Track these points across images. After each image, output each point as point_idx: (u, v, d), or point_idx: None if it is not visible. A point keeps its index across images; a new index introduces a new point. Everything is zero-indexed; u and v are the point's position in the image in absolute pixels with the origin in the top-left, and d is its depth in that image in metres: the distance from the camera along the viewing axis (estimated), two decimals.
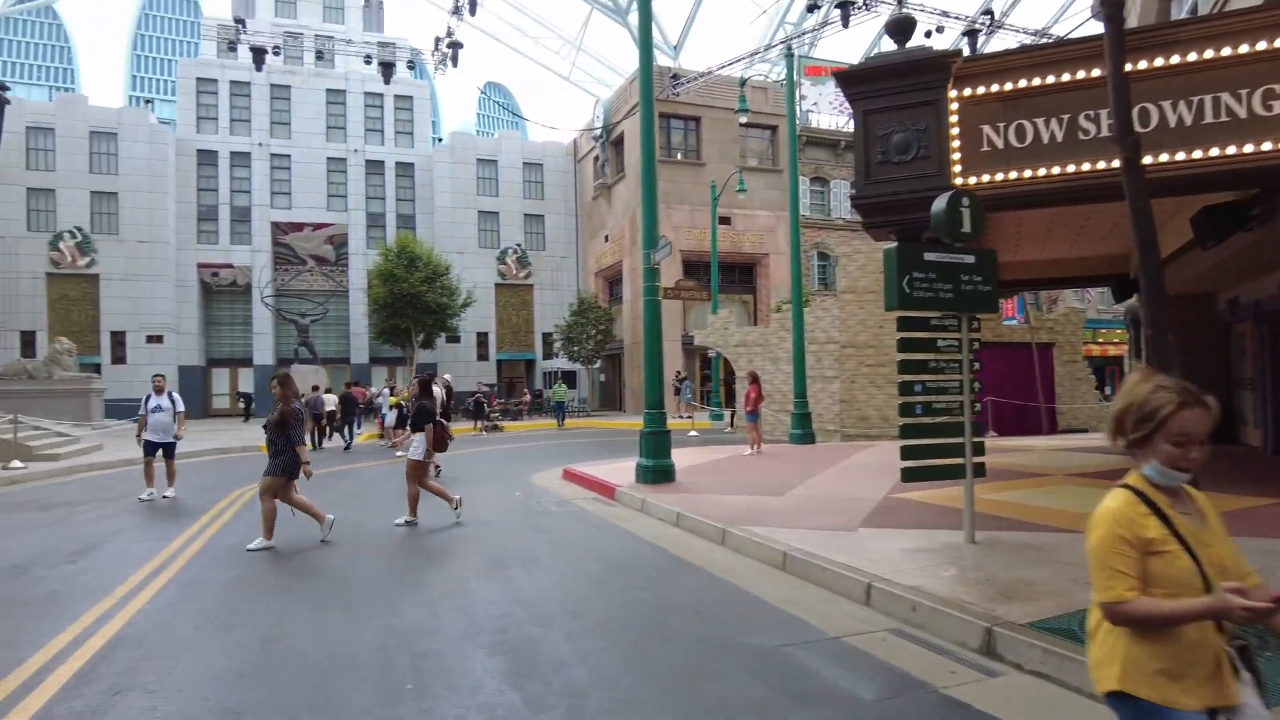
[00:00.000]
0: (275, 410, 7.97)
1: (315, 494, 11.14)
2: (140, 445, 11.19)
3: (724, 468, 12.76)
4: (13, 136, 32.98)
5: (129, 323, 34.41)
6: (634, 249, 33.16)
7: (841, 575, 5.76)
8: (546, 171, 40.73)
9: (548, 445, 20.31)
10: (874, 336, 20.36)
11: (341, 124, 38.93)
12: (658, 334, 10.96)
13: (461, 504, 9.08)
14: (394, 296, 31.53)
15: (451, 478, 13.40)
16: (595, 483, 11.36)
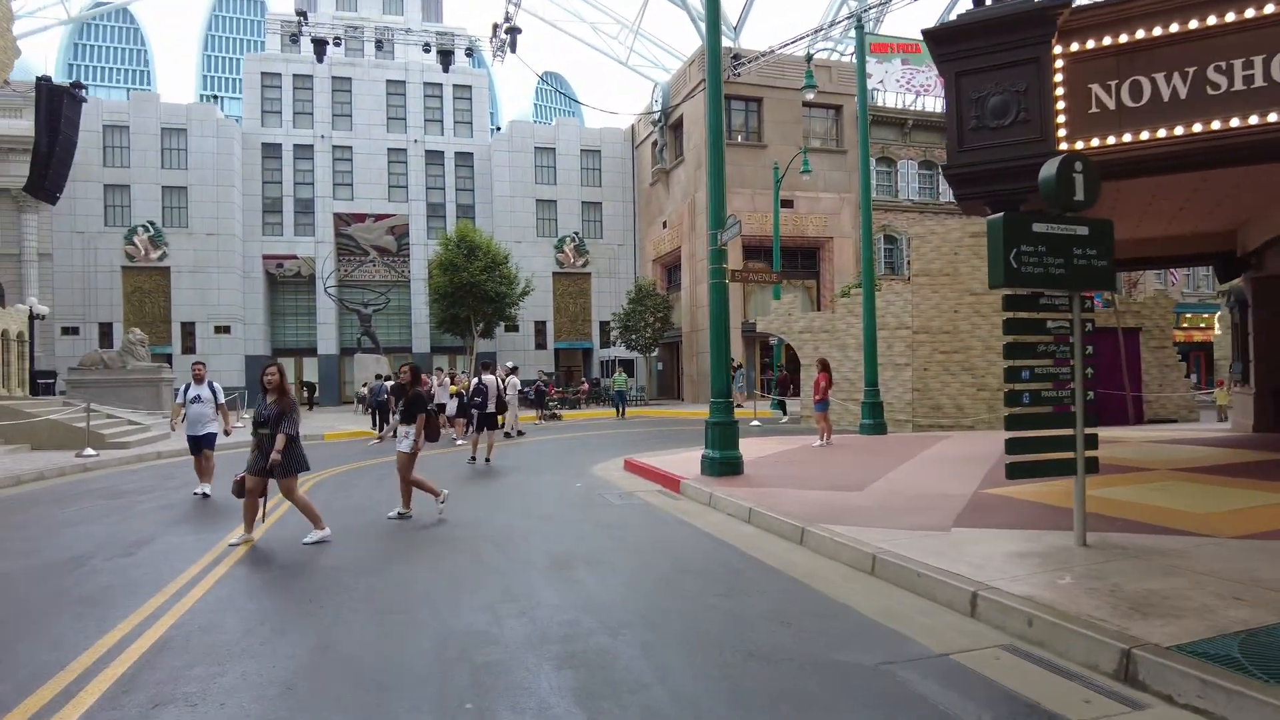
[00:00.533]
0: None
1: (375, 487, 10.99)
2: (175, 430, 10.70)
3: (793, 460, 12.17)
4: (91, 135, 34.03)
5: (198, 314, 35.27)
6: (693, 235, 32.60)
7: (942, 582, 5.17)
8: (604, 158, 40.34)
9: (607, 435, 19.94)
10: (948, 322, 19.44)
11: (401, 115, 39.16)
12: (725, 320, 10.41)
13: (446, 499, 8.58)
14: (454, 286, 31.58)
15: (511, 467, 13.16)
16: (659, 474, 10.90)
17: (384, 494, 10.23)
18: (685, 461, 12.01)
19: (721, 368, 10.39)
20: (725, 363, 10.43)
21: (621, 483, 11.08)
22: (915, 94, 36.14)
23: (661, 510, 8.82)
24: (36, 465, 13.86)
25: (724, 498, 8.63)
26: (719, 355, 10.38)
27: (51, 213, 34.27)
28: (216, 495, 10.09)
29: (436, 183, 39.45)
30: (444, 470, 12.92)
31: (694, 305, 33.05)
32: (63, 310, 34.07)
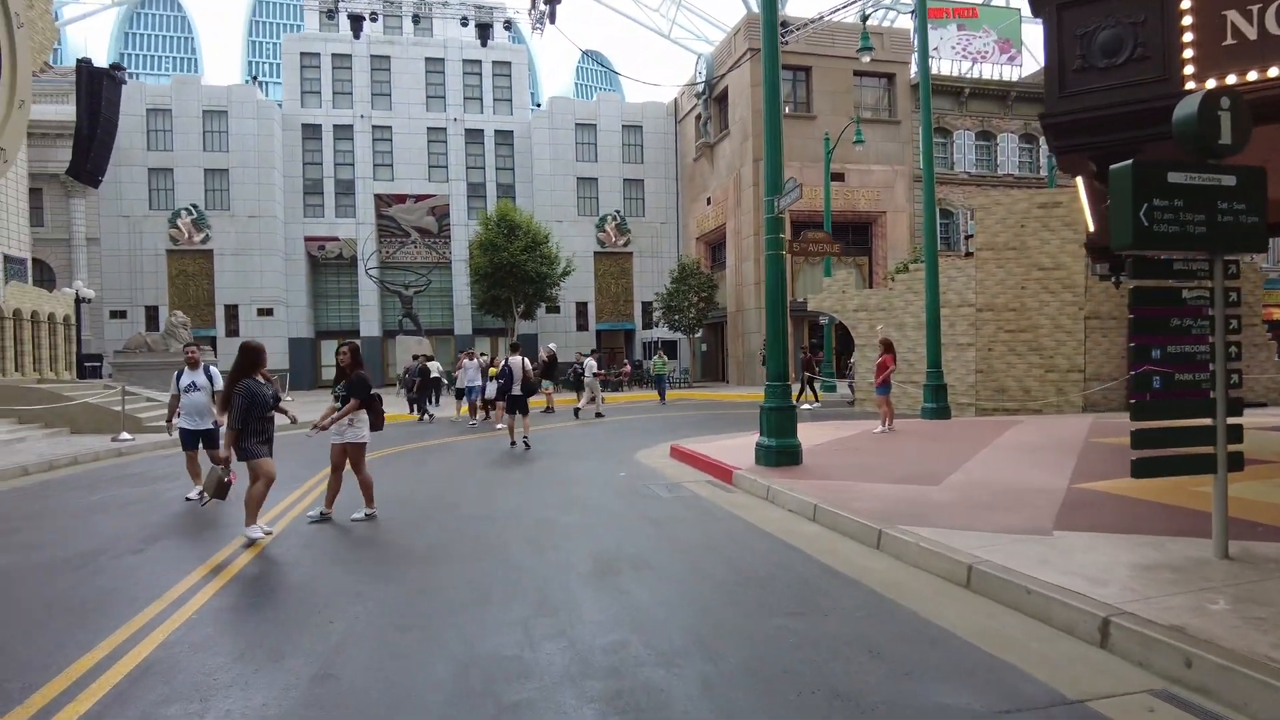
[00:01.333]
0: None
1: (408, 472, 10.39)
2: (171, 433, 9.15)
3: (855, 448, 11.27)
4: (134, 119, 34.15)
5: (241, 296, 35.32)
6: (738, 211, 31.57)
7: (1058, 601, 4.31)
8: (646, 134, 39.37)
9: (650, 419, 19.20)
10: (1014, 299, 18.25)
11: (441, 93, 38.61)
12: (781, 295, 9.54)
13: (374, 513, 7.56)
14: (494, 266, 31.05)
15: (551, 452, 12.47)
16: (708, 463, 10.11)
17: (419, 483, 9.63)
18: (735, 449, 11.20)
19: (779, 349, 9.54)
20: (783, 343, 9.58)
21: (668, 471, 10.33)
22: (972, 61, 34.47)
23: (713, 504, 8.03)
24: (72, 449, 13.60)
25: (784, 491, 7.81)
26: (776, 334, 9.53)
27: (98, 197, 34.55)
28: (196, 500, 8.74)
29: (476, 162, 38.89)
30: (481, 455, 12.30)
31: (739, 284, 32.07)
32: (110, 294, 34.38)
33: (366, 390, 7.44)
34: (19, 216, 26.31)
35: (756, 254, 30.39)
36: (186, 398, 8.85)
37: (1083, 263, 17.97)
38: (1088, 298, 17.96)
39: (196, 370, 8.99)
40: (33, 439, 15.01)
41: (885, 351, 12.86)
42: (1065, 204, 17.94)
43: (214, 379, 9.04)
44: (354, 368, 7.49)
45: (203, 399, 8.86)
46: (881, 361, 12.83)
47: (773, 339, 9.52)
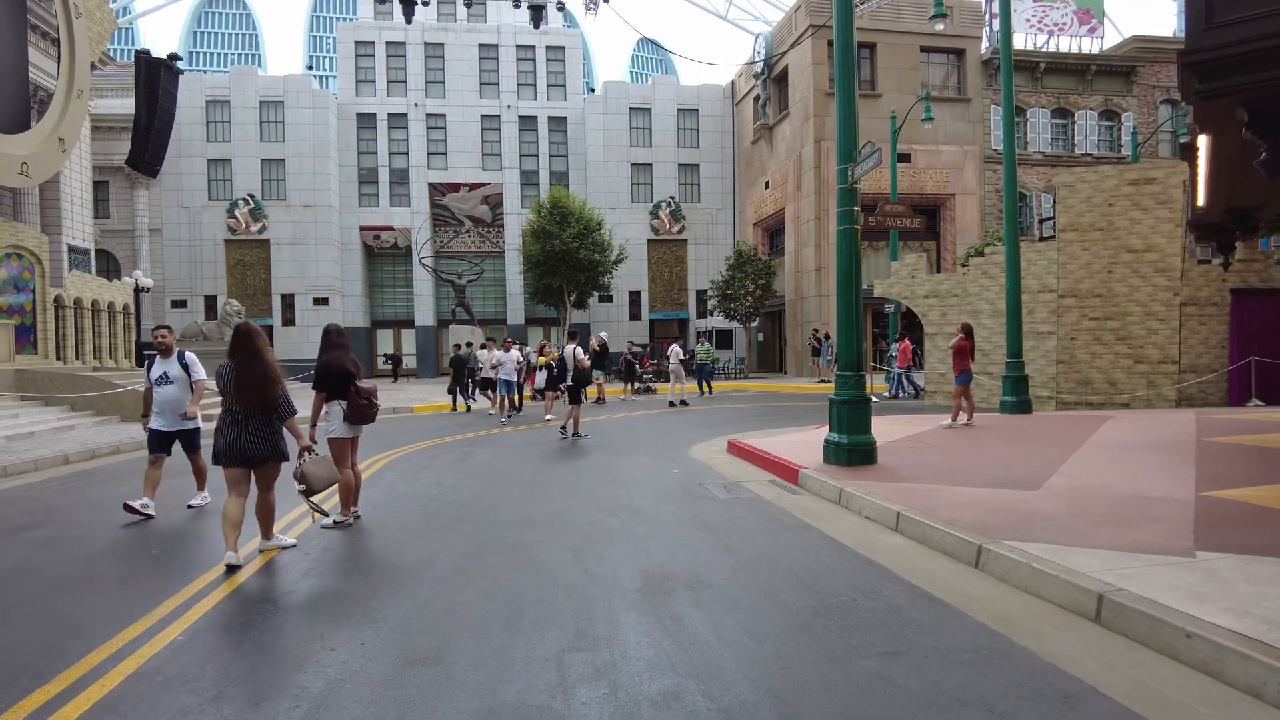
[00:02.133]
0: None
1: (448, 467, 9.74)
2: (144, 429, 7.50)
3: (933, 444, 10.26)
4: (194, 110, 34.54)
5: (297, 285, 35.50)
6: (798, 194, 30.41)
7: (1237, 653, 3.37)
8: (702, 117, 38.34)
9: (704, 411, 18.35)
10: (1100, 283, 16.87)
11: (494, 80, 38.17)
12: (855, 275, 8.59)
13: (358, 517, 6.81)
14: (546, 254, 30.49)
15: (600, 445, 11.74)
16: (771, 461, 9.24)
17: (459, 480, 8.99)
18: (798, 445, 10.32)
19: (851, 334, 8.60)
20: (857, 329, 8.64)
21: (725, 469, 9.49)
22: (1048, 34, 32.52)
23: (779, 508, 7.18)
24: (116, 438, 13.40)
25: (859, 495, 6.92)
26: (848, 319, 8.59)
27: (160, 188, 35.08)
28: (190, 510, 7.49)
29: (530, 149, 38.39)
30: (527, 449, 11.63)
31: (799, 271, 30.91)
32: (172, 284, 34.90)
33: (325, 380, 6.64)
34: (83, 208, 26.68)
35: (818, 239, 29.23)
36: (158, 391, 7.37)
37: (1179, 244, 16.49)
38: (1184, 282, 16.49)
39: (170, 359, 7.43)
40: (82, 427, 14.91)
41: (964, 338, 11.73)
42: (1159, 180, 16.48)
43: (191, 368, 7.49)
44: (327, 352, 6.70)
45: (176, 393, 7.39)
46: (958, 345, 11.70)
47: (844, 324, 8.59)
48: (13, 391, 15.95)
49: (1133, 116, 32.20)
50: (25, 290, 19.80)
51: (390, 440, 13.16)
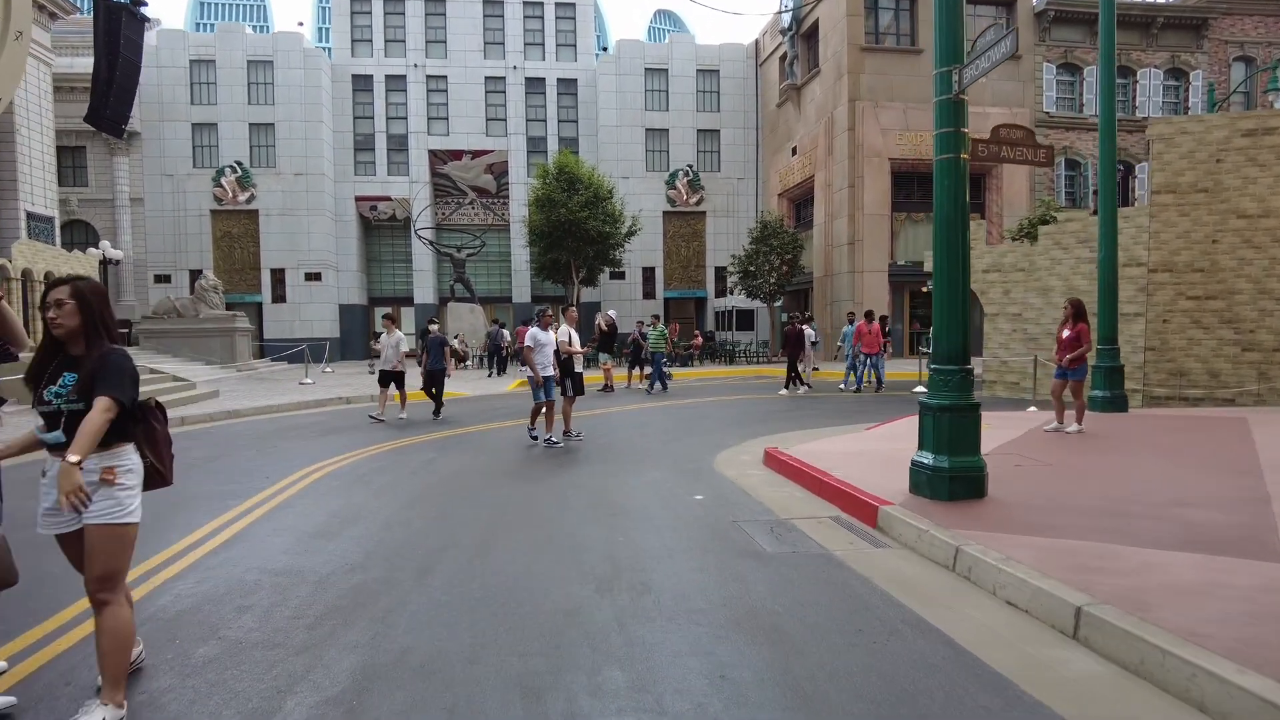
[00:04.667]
0: None
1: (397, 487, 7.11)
2: None
3: (1045, 460, 7.68)
4: (178, 71, 32.14)
5: (288, 259, 33.16)
6: (829, 160, 27.65)
7: None
8: (723, 79, 35.48)
9: (728, 403, 15.81)
10: (1202, 255, 14.14)
11: (500, 39, 35.48)
12: (962, 230, 6.05)
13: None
14: (552, 225, 27.92)
15: (599, 451, 9.13)
16: (830, 485, 6.70)
17: (397, 513, 6.51)
18: (857, 460, 7.81)
19: (956, 313, 6.08)
20: (962, 305, 6.11)
21: (765, 493, 6.98)
22: None
23: (860, 577, 4.65)
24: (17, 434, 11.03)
25: (992, 564, 4.37)
26: (950, 287, 6.05)
27: (142, 155, 32.75)
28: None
29: (537, 114, 35.72)
30: (507, 455, 9.09)
31: (829, 244, 28.17)
32: (155, 257, 32.64)
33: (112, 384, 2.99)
34: (44, 171, 24.35)
35: (851, 209, 26.49)
36: None
37: None
38: None
39: None
40: (9, 420, 12.58)
41: (1077, 319, 9.05)
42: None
43: None
44: (83, 323, 3.06)
45: None
46: (1078, 331, 9.00)
47: (946, 296, 6.06)
48: None
49: (1202, 75, 29.09)
50: None
51: (356, 437, 10.75)
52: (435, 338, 14.01)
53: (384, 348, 13.33)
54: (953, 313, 6.04)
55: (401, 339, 13.22)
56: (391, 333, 13.31)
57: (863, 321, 17.60)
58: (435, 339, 14.00)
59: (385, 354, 13.24)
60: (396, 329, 13.52)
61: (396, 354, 13.09)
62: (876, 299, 25.82)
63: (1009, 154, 6.25)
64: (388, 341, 13.28)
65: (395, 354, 13.10)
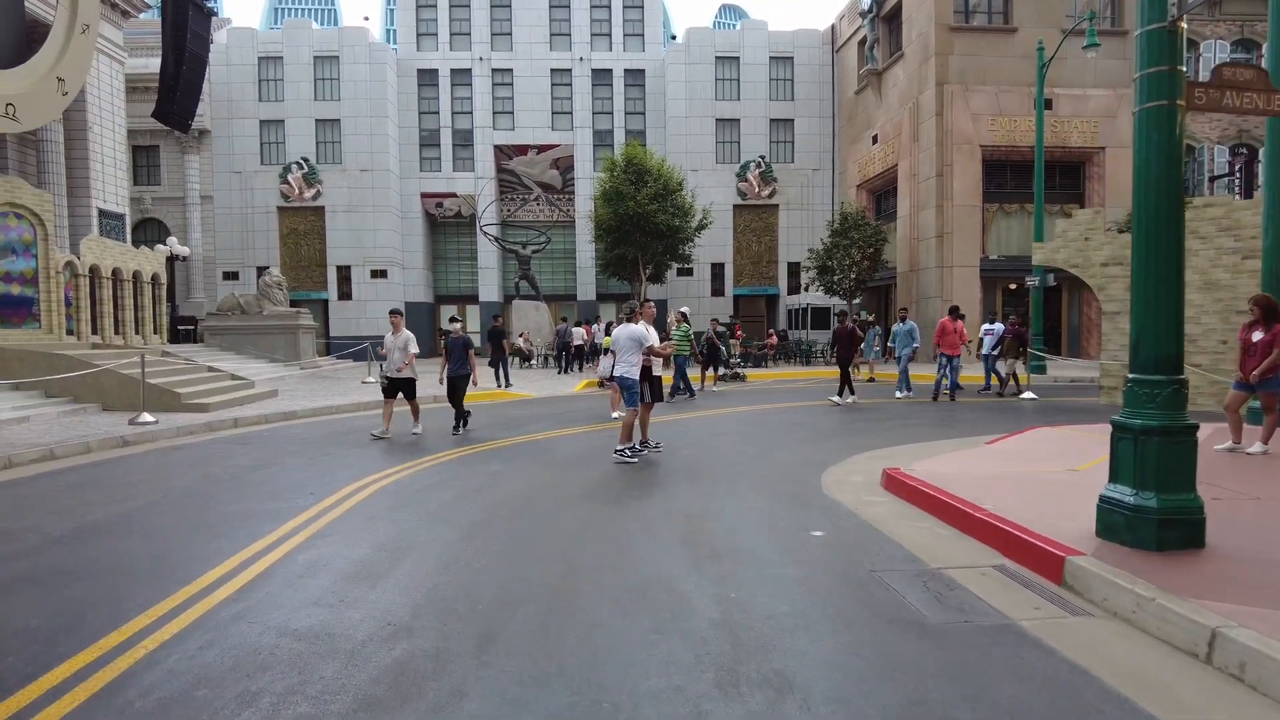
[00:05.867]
0: None
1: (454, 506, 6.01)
2: None
3: (1242, 489, 6.21)
4: (246, 69, 32.16)
5: (354, 256, 32.90)
6: (914, 148, 25.94)
7: None
8: (797, 66, 33.90)
9: (812, 409, 14.45)
10: None
11: (566, 30, 34.61)
12: (1175, 200, 4.69)
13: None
14: (619, 219, 26.84)
15: (684, 468, 7.87)
16: (986, 524, 5.38)
17: (449, 541, 5.43)
18: (1001, 485, 6.48)
19: (1165, 301, 4.74)
20: (1173, 292, 4.77)
21: (898, 528, 5.71)
22: None
23: (1075, 667, 3.38)
24: (63, 435, 10.45)
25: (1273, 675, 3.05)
26: (1161, 273, 4.72)
27: (212, 152, 32.91)
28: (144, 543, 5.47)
29: (604, 106, 34.72)
30: (582, 467, 7.98)
31: (914, 237, 26.43)
32: (224, 254, 32.73)
33: None
34: (116, 169, 24.36)
35: (939, 199, 24.73)
36: None
37: None
38: None
39: None
40: (41, 417, 12.09)
41: (1271, 318, 7.49)
42: None
43: None
44: None
45: None
46: (1274, 335, 7.44)
47: (1152, 284, 4.74)
48: None
49: None
50: (27, 255, 17.31)
51: (414, 445, 9.82)
52: (457, 338, 11.70)
53: (389, 349, 11.20)
54: (1161, 306, 4.72)
55: (411, 339, 11.23)
56: (399, 331, 11.27)
57: (946, 318, 15.78)
58: (457, 340, 11.66)
59: (391, 357, 11.13)
60: (404, 327, 11.52)
61: (404, 356, 11.04)
62: (967, 296, 24.03)
63: (1234, 102, 4.81)
64: (393, 343, 11.18)
65: (403, 356, 11.04)
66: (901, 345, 16.37)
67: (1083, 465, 7.34)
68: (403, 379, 11.03)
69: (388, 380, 11.10)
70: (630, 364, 8.70)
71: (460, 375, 11.47)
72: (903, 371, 15.98)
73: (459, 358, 11.50)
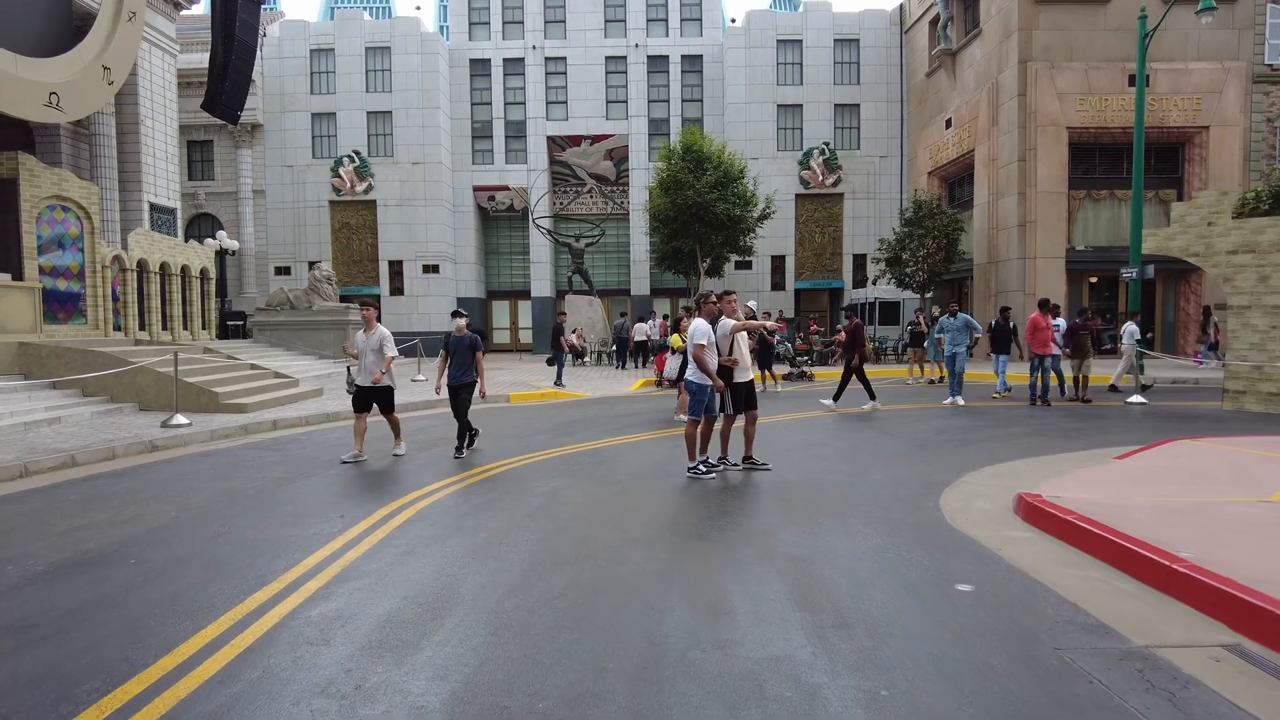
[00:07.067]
0: None
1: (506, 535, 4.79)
2: None
3: None
4: (298, 61, 31.81)
5: (405, 251, 32.34)
6: (993, 131, 24.24)
7: None
8: (863, 49, 32.23)
9: (896, 414, 13.10)
10: None
11: (620, 16, 33.54)
12: None
13: None
14: (677, 209, 25.65)
15: (772, 489, 6.52)
16: (1195, 582, 4.10)
17: (497, 589, 4.33)
18: (1176, 518, 5.17)
19: None
20: None
21: (1061, 578, 4.48)
22: None
23: None
24: (90, 438, 9.72)
25: None
26: None
27: (264, 146, 32.66)
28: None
29: (659, 94, 33.55)
30: (653, 483, 6.84)
31: (993, 226, 24.70)
32: (276, 248, 32.48)
33: None
34: (168, 163, 24.04)
35: (1022, 185, 23.00)
36: None
37: None
38: None
39: None
40: (72, 419, 11.44)
41: None
42: None
43: None
44: None
45: None
46: None
47: None
48: (13, 370, 12.74)
49: None
50: (74, 249, 16.90)
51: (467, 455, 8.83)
52: (460, 337, 9.14)
53: (361, 351, 8.90)
54: None
55: (387, 338, 8.86)
56: (372, 330, 8.87)
57: (1037, 313, 14.10)
58: (461, 338, 9.13)
59: (363, 361, 8.88)
60: (378, 323, 9.13)
61: (379, 361, 8.81)
62: (1052, 291, 22.27)
63: None
64: (366, 343, 8.86)
65: (378, 361, 8.81)
66: (954, 343, 14.26)
67: (1277, 495, 5.96)
68: (378, 388, 8.89)
69: (357, 389, 8.89)
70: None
71: (463, 383, 9.09)
72: (958, 374, 14.11)
73: (463, 360, 9.09)
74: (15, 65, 13.77)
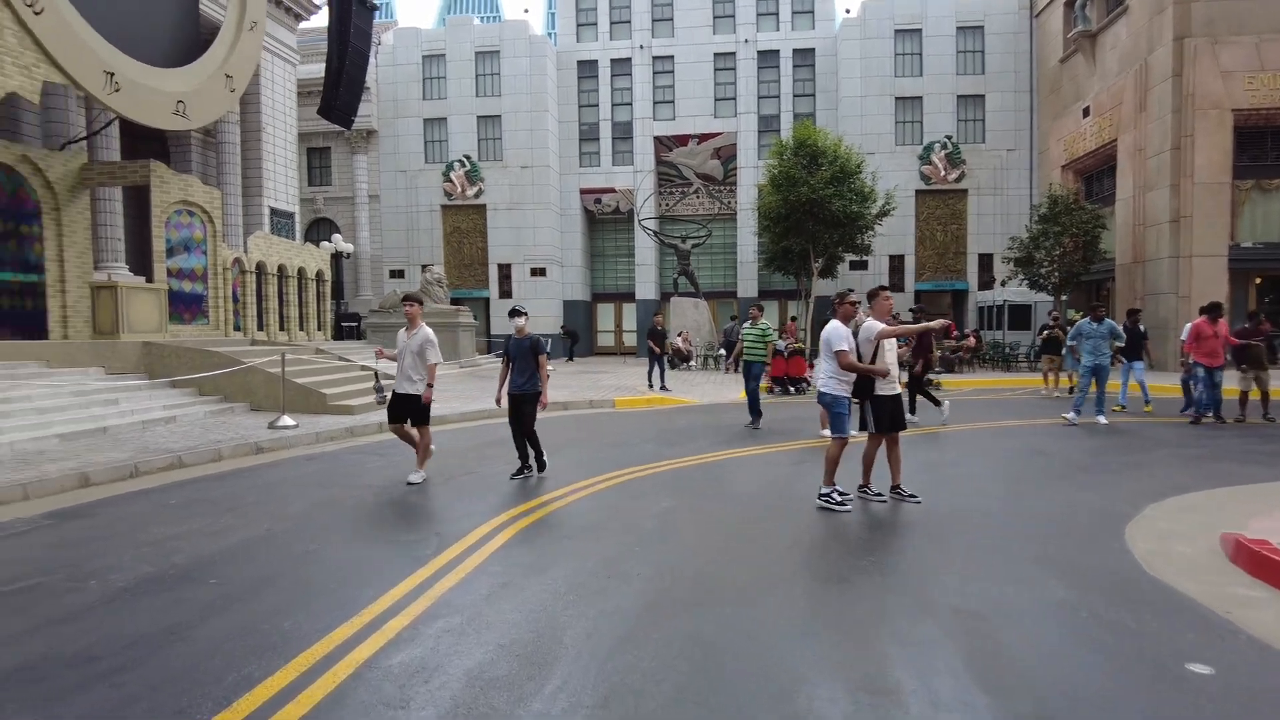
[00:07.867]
0: None
1: (594, 580, 4.09)
2: None
3: None
4: (410, 68, 32.49)
5: (514, 254, 32.47)
6: (1140, 118, 22.14)
7: None
8: (988, 36, 30.20)
9: (1042, 430, 11.78)
10: None
11: (729, 12, 32.67)
12: None
13: None
14: (790, 207, 24.58)
15: (917, 523, 5.63)
16: None
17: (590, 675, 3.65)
18: None
19: None
20: None
21: None
22: None
23: None
24: (200, 439, 9.71)
25: None
26: None
27: (379, 152, 33.52)
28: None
29: (770, 90, 32.47)
30: (764, 504, 5.99)
31: (1139, 223, 22.51)
32: (390, 252, 33.23)
33: None
34: (287, 169, 24.86)
35: (1175, 177, 20.82)
36: None
37: None
38: None
39: None
40: (186, 418, 11.57)
41: None
42: None
43: None
44: None
45: None
46: None
47: None
48: (137, 369, 13.09)
49: None
50: (198, 252, 17.46)
51: (560, 462, 8.20)
52: (520, 339, 7.78)
53: (400, 352, 7.68)
54: None
55: (431, 340, 7.64)
56: (415, 329, 7.67)
57: (1202, 320, 12.25)
58: (519, 341, 7.77)
59: (401, 364, 7.64)
60: (422, 321, 7.79)
61: (418, 365, 7.57)
62: (1211, 293, 19.97)
63: None
64: (406, 343, 7.64)
65: (415, 365, 7.58)
66: (1096, 352, 11.96)
67: None
68: (413, 398, 7.57)
69: (391, 397, 7.70)
70: (834, 375, 6.60)
71: (526, 393, 7.75)
72: (1101, 385, 12.16)
73: (524, 366, 7.74)
74: (145, 76, 14.21)
